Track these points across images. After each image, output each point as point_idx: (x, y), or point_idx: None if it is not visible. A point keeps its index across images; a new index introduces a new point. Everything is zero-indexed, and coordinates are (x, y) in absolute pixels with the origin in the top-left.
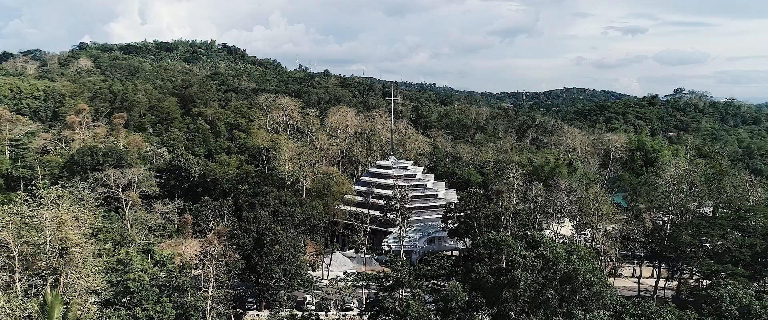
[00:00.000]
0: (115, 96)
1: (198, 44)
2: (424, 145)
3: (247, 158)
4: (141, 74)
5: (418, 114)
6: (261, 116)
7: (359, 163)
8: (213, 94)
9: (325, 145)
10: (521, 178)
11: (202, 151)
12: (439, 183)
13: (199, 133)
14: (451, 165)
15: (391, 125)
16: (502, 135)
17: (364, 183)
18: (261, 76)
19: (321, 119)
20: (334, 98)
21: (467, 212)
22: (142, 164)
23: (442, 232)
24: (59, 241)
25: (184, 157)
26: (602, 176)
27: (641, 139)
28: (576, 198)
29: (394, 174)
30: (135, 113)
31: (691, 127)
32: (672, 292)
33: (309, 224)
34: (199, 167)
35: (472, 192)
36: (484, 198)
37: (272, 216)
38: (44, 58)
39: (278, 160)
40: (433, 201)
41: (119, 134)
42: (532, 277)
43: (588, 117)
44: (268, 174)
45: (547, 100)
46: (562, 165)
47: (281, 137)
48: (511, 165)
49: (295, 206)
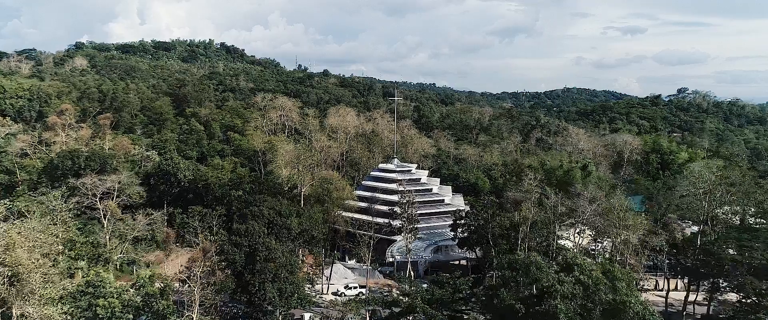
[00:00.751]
0: (105, 96)
1: (196, 44)
2: (427, 146)
3: (243, 161)
4: (137, 74)
5: (420, 114)
6: (257, 117)
7: (360, 166)
8: (208, 93)
9: (325, 147)
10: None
11: (195, 154)
12: (444, 187)
13: (193, 134)
14: (455, 167)
15: (393, 126)
16: (506, 135)
17: (366, 188)
18: (260, 76)
19: (320, 120)
20: (333, 98)
21: (480, 221)
22: (129, 168)
23: (450, 241)
24: (9, 267)
25: (174, 160)
26: (615, 179)
27: (658, 141)
28: (598, 205)
29: (398, 179)
30: (125, 114)
31: (695, 127)
32: (702, 309)
33: (307, 236)
34: (190, 172)
35: (486, 201)
36: (498, 206)
37: (266, 229)
38: (40, 58)
39: (275, 162)
40: (439, 206)
41: (105, 136)
42: (573, 308)
43: (591, 117)
44: (264, 180)
45: (548, 100)
46: (575, 168)
47: (278, 139)
48: (524, 169)
49: (291, 216)
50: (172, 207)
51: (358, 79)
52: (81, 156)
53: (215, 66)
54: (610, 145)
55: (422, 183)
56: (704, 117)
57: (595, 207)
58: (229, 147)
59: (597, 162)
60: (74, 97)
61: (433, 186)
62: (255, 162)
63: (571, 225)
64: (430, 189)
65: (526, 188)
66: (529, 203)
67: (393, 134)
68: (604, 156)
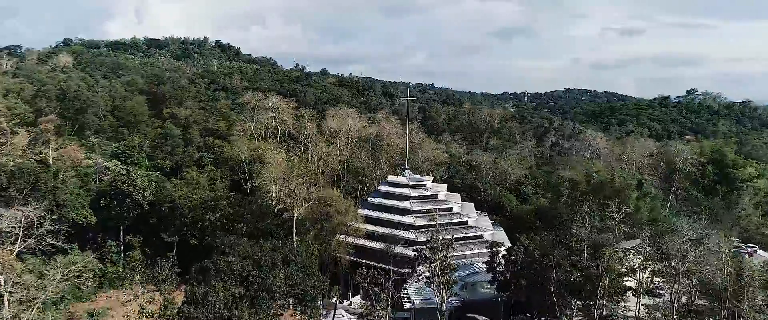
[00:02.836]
0: (64, 94)
1: (190, 41)
2: (438, 152)
3: (225, 172)
4: (125, 71)
5: (425, 115)
6: (244, 119)
7: (364, 177)
8: (189, 91)
9: (324, 154)
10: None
11: (168, 164)
12: (466, 204)
13: (168, 139)
14: (469, 175)
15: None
16: (518, 139)
17: (373, 206)
18: (255, 75)
19: (318, 122)
20: (332, 98)
21: (536, 268)
22: (78, 185)
23: (478, 276)
24: None
25: (130, 176)
26: (665, 194)
27: (721, 150)
28: (700, 251)
29: (412, 195)
30: (90, 115)
31: (708, 129)
32: None
33: (299, 292)
34: (151, 190)
35: (546, 240)
36: (556, 244)
37: (240, 288)
38: (24, 55)
39: (262, 175)
40: (462, 230)
41: (48, 143)
42: None
43: (598, 119)
44: (247, 201)
45: (550, 101)
46: (629, 185)
47: (268, 146)
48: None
49: (276, 268)
50: (130, 234)
51: (356, 79)
52: (4, 172)
53: (209, 64)
54: (661, 154)
55: (440, 201)
56: (716, 119)
57: (697, 253)
58: (209, 154)
59: (641, 172)
60: (28, 95)
61: (453, 204)
62: (239, 174)
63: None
64: (450, 208)
65: (575, 212)
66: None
67: (401, 139)
68: (650, 166)
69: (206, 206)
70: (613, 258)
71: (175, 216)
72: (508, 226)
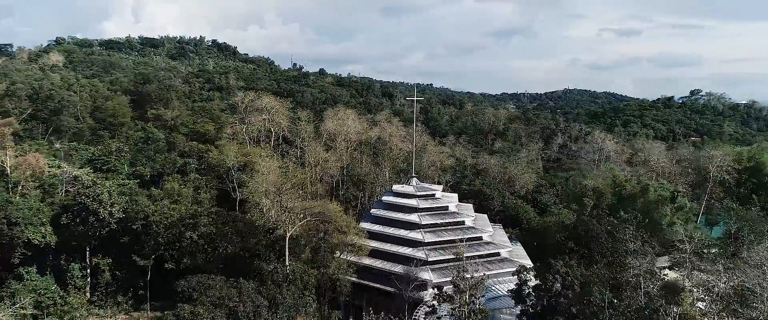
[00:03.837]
0: (37, 93)
1: (186, 41)
2: (444, 157)
3: (211, 180)
4: (117, 70)
5: (427, 117)
6: (235, 121)
7: (365, 185)
8: (175, 91)
9: (321, 159)
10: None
11: (149, 171)
12: (480, 216)
13: (150, 143)
14: (477, 180)
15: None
16: (525, 141)
17: (376, 220)
18: (251, 75)
19: (316, 124)
20: (330, 98)
21: (579, 307)
22: (39, 198)
23: (497, 302)
24: None
25: (95, 188)
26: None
27: (761, 157)
28: None
29: (420, 207)
30: (66, 117)
31: (713, 131)
32: None
33: None
34: (119, 206)
35: (596, 274)
36: (607, 279)
37: None
38: (14, 53)
39: (251, 186)
40: (477, 248)
41: (5, 149)
42: None
43: (601, 119)
44: (233, 217)
45: (550, 101)
46: (663, 198)
47: (259, 151)
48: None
49: (262, 306)
50: (99, 255)
51: (355, 79)
52: None
53: (205, 63)
54: (692, 159)
55: (452, 213)
56: (721, 120)
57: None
58: (194, 161)
59: (669, 180)
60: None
61: (465, 217)
62: (228, 183)
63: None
64: (462, 221)
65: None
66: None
67: (404, 142)
68: (678, 174)
69: (185, 224)
70: (692, 305)
71: (149, 236)
72: (525, 240)
